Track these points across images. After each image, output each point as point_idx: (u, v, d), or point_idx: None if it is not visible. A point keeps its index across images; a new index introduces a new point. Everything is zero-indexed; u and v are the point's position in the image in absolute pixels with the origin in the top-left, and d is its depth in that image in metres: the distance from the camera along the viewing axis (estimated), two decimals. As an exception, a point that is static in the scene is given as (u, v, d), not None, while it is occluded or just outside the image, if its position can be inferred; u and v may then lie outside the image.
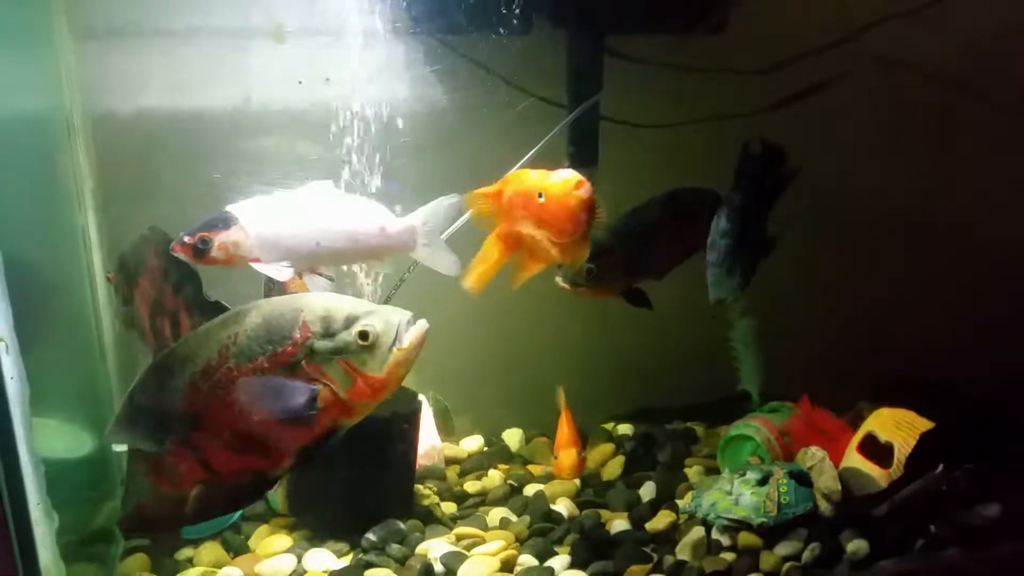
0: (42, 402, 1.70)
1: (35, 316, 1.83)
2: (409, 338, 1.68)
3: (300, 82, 2.27)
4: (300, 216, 1.98)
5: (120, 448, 2.25)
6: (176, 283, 1.98)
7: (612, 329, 2.82)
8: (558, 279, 2.34)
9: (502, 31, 2.33)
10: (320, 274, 2.04)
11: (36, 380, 1.67)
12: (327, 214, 2.01)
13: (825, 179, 2.84)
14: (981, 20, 2.80)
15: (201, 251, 1.89)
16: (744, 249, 2.25)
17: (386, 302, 2.23)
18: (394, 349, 1.67)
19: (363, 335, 1.67)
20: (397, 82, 2.38)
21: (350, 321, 1.68)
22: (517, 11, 2.32)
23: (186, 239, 1.90)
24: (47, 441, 1.75)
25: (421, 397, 2.46)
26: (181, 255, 1.91)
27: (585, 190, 1.80)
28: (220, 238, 1.90)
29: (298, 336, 1.68)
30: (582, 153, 2.53)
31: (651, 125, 2.59)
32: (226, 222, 1.92)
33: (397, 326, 1.68)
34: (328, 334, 1.68)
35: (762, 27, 2.66)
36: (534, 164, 2.22)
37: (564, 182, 1.81)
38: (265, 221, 1.94)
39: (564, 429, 2.48)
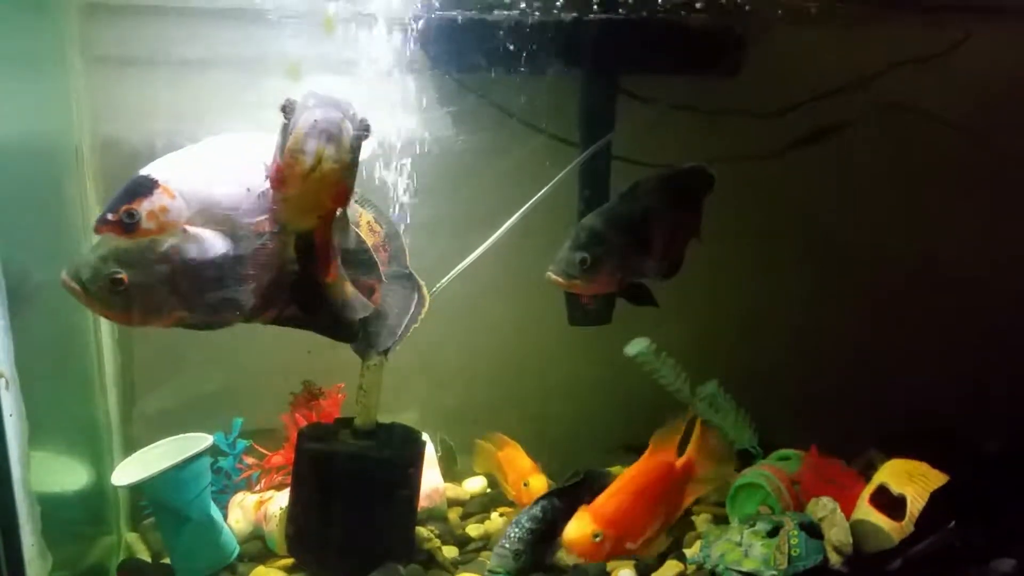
0: (41, 436, 1.66)
1: (37, 348, 1.79)
2: (298, 125, 1.48)
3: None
4: (219, 163, 1.70)
5: (120, 484, 2.22)
6: None
7: (619, 370, 2.79)
8: (549, 273, 2.06)
9: (517, 71, 2.32)
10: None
11: (36, 414, 1.63)
12: (245, 156, 1.72)
13: (831, 223, 2.84)
14: (990, 69, 2.79)
15: (130, 225, 1.60)
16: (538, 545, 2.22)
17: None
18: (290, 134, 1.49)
19: (282, 109, 1.53)
20: (410, 120, 2.37)
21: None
22: (531, 52, 2.31)
23: (110, 216, 1.60)
24: (44, 477, 1.71)
25: (426, 437, 2.41)
26: (109, 235, 1.63)
27: None
28: (146, 206, 1.60)
29: None
30: (594, 193, 2.51)
31: (663, 166, 2.57)
32: (146, 186, 1.62)
33: (300, 107, 1.48)
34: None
35: (774, 71, 2.66)
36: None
37: None
38: (187, 176, 1.65)
39: (523, 458, 2.47)
